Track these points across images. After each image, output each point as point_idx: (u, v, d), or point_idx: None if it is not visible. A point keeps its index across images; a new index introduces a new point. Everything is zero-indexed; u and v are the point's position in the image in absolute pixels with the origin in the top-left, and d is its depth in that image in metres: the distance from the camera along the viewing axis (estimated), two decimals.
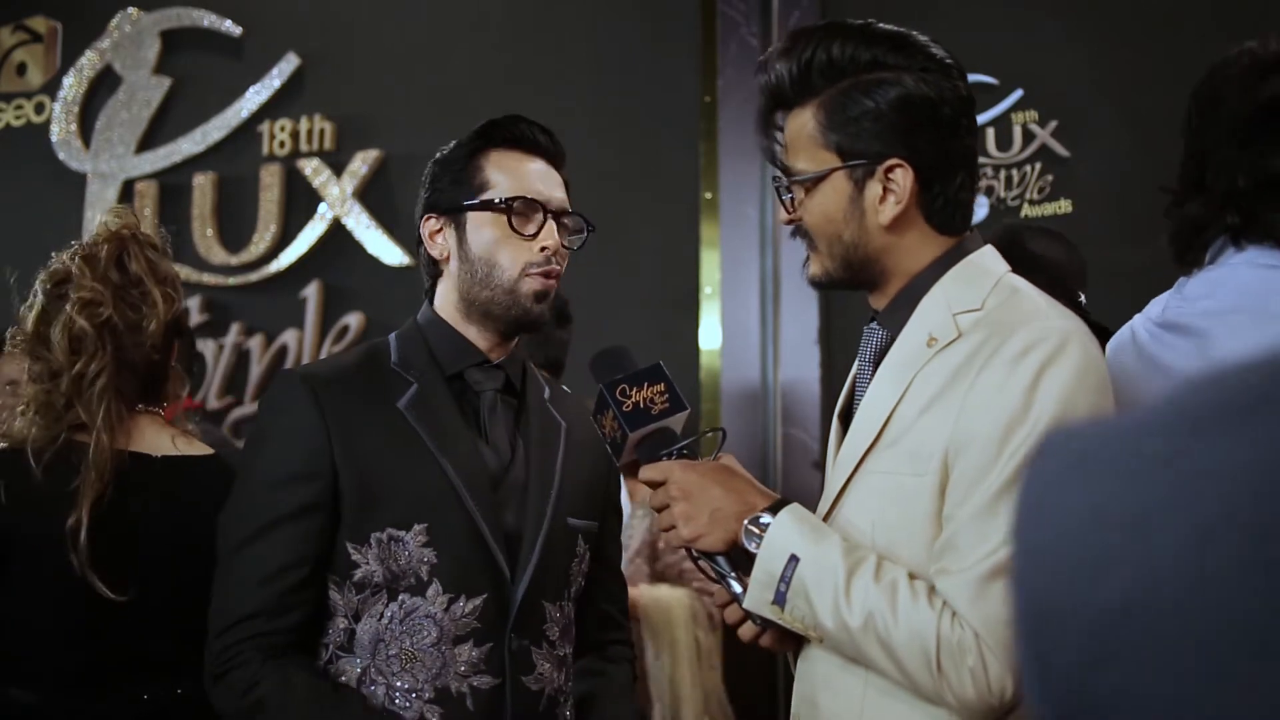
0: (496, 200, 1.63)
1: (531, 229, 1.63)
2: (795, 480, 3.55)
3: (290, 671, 1.52)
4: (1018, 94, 3.54)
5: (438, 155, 1.71)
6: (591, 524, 1.74)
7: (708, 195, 3.84)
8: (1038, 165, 3.51)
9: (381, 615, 1.56)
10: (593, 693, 1.75)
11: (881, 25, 1.37)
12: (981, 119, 3.57)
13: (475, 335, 1.67)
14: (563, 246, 1.67)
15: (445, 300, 1.69)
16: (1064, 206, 3.44)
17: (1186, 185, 1.49)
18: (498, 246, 1.63)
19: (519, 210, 1.63)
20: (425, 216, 1.68)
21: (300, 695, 1.51)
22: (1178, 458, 0.35)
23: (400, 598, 1.56)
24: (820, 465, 3.46)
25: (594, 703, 1.74)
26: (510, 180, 1.64)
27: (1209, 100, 1.47)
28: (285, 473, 1.56)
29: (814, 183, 1.37)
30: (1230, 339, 1.39)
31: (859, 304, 2.27)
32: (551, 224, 1.65)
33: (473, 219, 1.64)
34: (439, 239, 1.67)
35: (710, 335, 3.79)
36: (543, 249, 1.63)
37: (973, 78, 3.86)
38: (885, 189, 1.34)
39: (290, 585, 1.54)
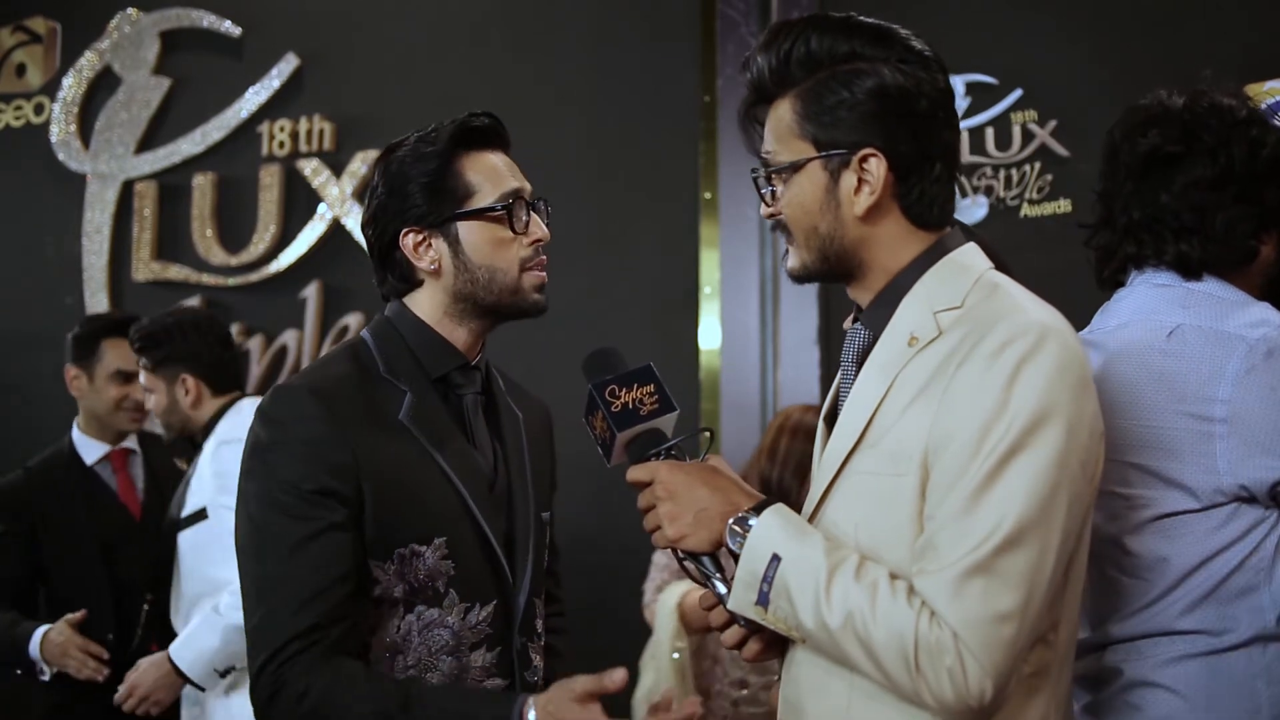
0: (493, 205, 1.61)
1: (519, 225, 1.64)
2: None
3: (342, 667, 1.47)
4: (1017, 94, 3.54)
5: (390, 166, 1.64)
6: (548, 512, 1.77)
7: (707, 195, 3.84)
8: (1037, 165, 3.51)
9: (398, 627, 1.55)
10: (551, 668, 1.76)
11: (862, 18, 1.37)
12: (981, 118, 3.56)
13: (463, 336, 1.66)
14: None
15: (430, 305, 1.65)
16: (1063, 206, 3.44)
17: (1098, 220, 1.73)
18: (496, 251, 1.62)
19: (516, 212, 1.63)
20: (404, 231, 1.62)
21: (360, 685, 1.46)
22: None
23: (417, 609, 1.55)
24: None
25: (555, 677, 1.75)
26: (491, 182, 1.63)
27: (1109, 150, 1.71)
28: (317, 486, 1.50)
29: (790, 173, 1.37)
30: (1116, 346, 1.59)
31: None
32: (536, 216, 1.66)
33: (465, 227, 1.62)
34: (424, 251, 1.63)
35: (710, 335, 3.79)
36: (534, 242, 1.64)
37: (973, 78, 3.87)
38: (860, 179, 1.33)
39: (341, 598, 1.48)
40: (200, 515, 2.81)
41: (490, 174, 1.63)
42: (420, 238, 1.63)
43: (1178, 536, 1.51)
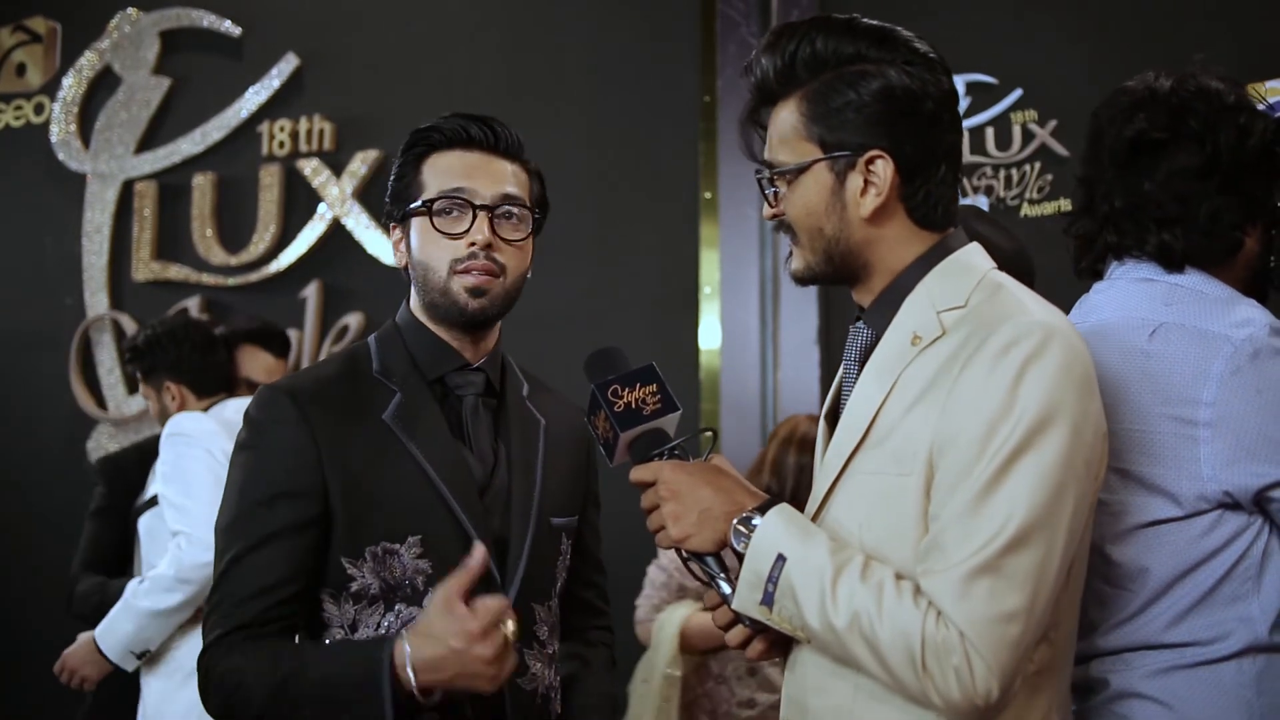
0: (421, 203, 1.63)
1: (459, 226, 1.61)
2: None
3: (256, 649, 1.53)
4: (1017, 94, 3.54)
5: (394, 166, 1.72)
6: (573, 520, 1.75)
7: (707, 195, 3.84)
8: (1037, 165, 3.51)
9: (379, 625, 1.56)
10: (573, 674, 1.77)
11: (866, 20, 1.37)
12: (981, 118, 3.57)
13: (447, 336, 1.67)
14: (503, 239, 1.63)
15: (416, 304, 1.69)
16: (1063, 205, 3.44)
17: (1078, 208, 1.67)
18: (426, 248, 1.63)
19: (440, 209, 1.62)
20: (391, 227, 1.70)
21: (261, 658, 1.52)
22: None
23: (397, 607, 1.56)
24: None
25: (574, 683, 1.76)
26: (439, 180, 1.63)
27: (1094, 133, 1.65)
28: (276, 490, 1.56)
29: (796, 175, 1.36)
30: (1096, 345, 1.51)
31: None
32: (482, 218, 1.61)
33: (413, 224, 1.65)
34: (400, 247, 1.68)
35: (710, 335, 3.79)
36: (471, 244, 1.61)
37: (973, 77, 3.85)
38: (866, 180, 1.34)
39: (281, 599, 1.54)
40: (153, 502, 2.96)
41: (442, 172, 1.64)
42: (397, 234, 1.69)
43: (1158, 547, 1.48)
